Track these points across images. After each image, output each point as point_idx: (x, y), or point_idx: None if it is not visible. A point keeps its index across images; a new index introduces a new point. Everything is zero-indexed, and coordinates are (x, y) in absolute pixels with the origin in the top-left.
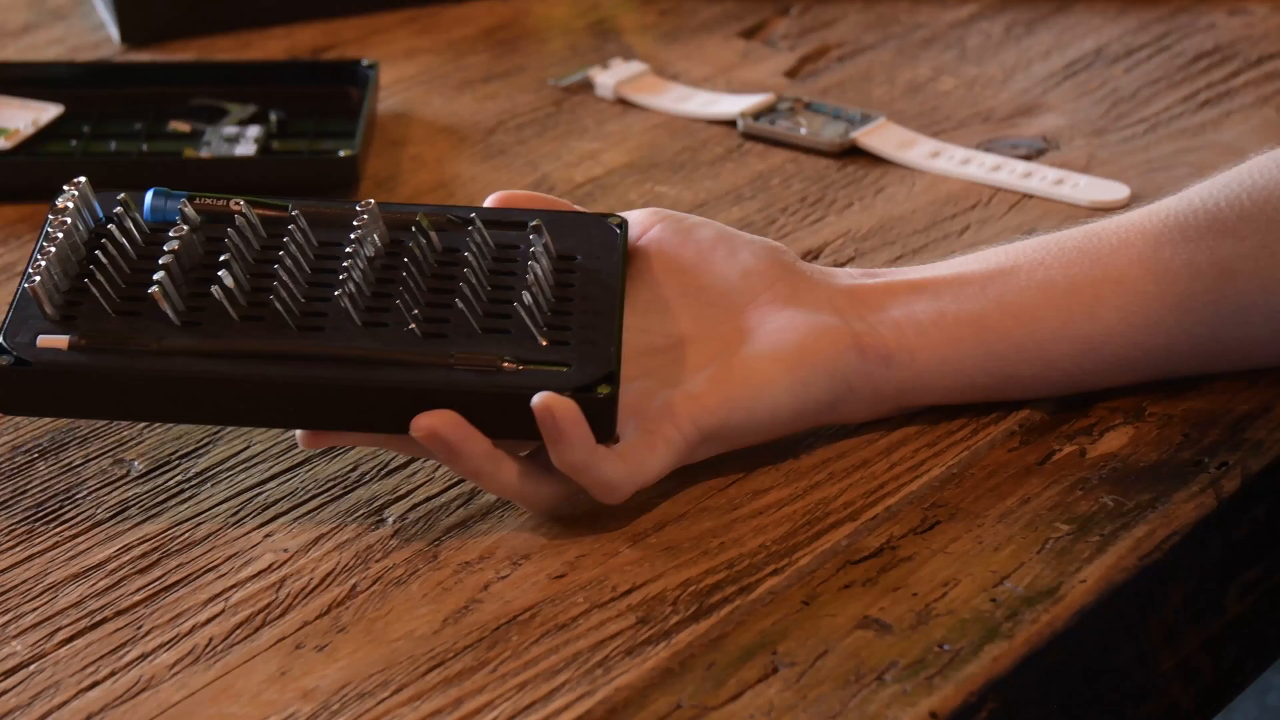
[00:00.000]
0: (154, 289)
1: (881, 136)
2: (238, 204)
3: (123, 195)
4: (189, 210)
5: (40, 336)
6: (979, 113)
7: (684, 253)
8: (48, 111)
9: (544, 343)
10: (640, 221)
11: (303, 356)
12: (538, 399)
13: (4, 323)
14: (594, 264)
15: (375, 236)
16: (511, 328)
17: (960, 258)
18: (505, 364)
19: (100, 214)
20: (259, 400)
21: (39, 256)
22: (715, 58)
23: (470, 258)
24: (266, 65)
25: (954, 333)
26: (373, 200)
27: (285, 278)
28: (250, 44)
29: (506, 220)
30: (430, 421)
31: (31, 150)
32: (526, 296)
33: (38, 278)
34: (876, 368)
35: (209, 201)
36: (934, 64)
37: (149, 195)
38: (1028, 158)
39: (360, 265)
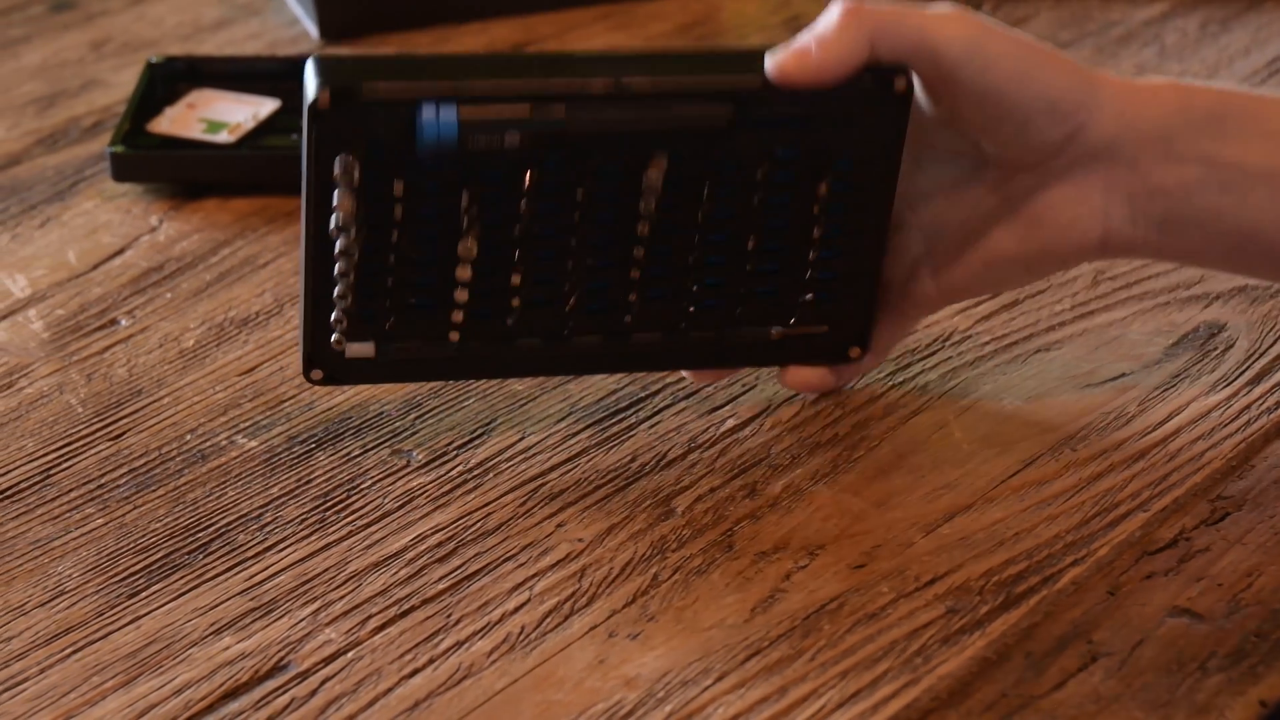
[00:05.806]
0: None
1: None
2: None
3: None
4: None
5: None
6: None
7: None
8: (265, 106)
9: (809, 296)
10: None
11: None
12: (791, 382)
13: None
14: (862, 169)
15: None
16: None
17: None
18: (774, 332)
19: None
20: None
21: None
22: None
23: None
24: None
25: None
26: None
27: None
28: (448, 39)
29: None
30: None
31: (254, 144)
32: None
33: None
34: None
35: None
36: (1135, 60)
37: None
38: None
39: None
